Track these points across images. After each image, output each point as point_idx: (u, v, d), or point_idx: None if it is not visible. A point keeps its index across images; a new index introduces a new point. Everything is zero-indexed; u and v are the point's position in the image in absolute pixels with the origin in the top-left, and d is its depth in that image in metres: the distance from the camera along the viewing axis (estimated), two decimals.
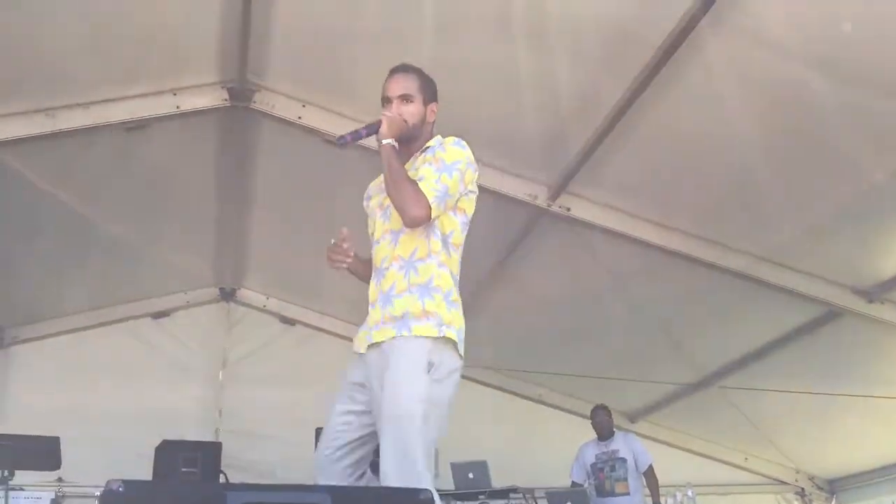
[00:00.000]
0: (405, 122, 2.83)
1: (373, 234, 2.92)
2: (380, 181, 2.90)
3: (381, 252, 2.83)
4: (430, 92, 2.96)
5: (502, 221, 5.56)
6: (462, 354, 2.75)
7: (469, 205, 2.87)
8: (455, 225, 2.85)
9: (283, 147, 5.50)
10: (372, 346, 2.73)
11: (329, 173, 5.61)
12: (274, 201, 6.17)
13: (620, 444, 6.54)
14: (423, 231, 2.78)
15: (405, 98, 2.87)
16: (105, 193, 5.66)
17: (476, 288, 6.35)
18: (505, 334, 7.09)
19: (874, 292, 5.21)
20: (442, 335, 2.71)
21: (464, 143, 2.85)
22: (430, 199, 2.70)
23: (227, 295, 7.74)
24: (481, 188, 5.01)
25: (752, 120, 4.26)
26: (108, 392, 7.08)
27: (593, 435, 6.71)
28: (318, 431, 6.28)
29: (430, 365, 2.65)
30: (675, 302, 5.97)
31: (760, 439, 7.38)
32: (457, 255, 2.86)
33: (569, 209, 5.20)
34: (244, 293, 7.75)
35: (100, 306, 7.26)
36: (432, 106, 2.93)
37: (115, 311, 7.36)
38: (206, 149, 5.60)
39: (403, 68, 2.96)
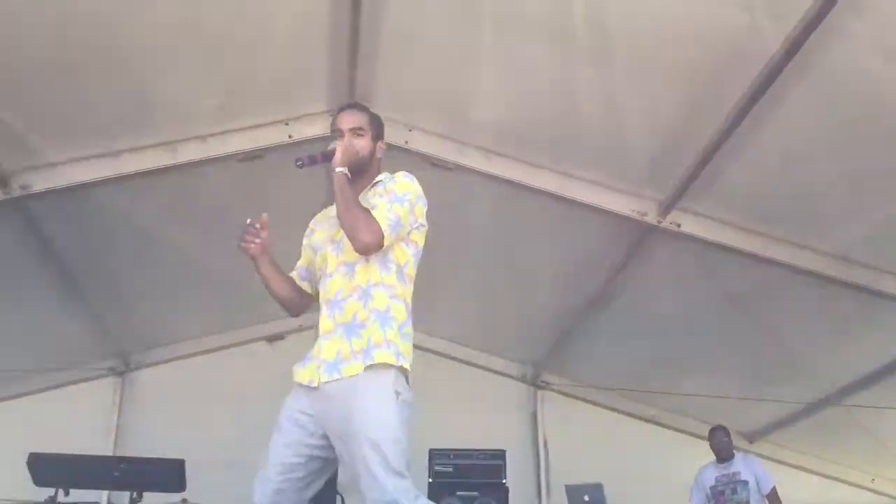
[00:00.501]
0: (357, 152, 2.91)
1: (321, 268, 2.94)
2: (326, 214, 3.02)
3: (336, 284, 2.85)
4: (378, 129, 3.07)
5: (610, 239, 5.50)
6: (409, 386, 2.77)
7: (420, 237, 2.94)
8: (408, 256, 2.90)
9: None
10: (334, 381, 2.71)
11: (436, 196, 5.63)
12: None
13: (741, 466, 6.30)
14: (378, 261, 2.83)
15: (356, 131, 2.97)
16: (220, 223, 5.83)
17: (585, 307, 6.29)
18: (616, 354, 7.00)
19: None
20: (399, 365, 2.73)
21: (413, 177, 2.94)
22: (383, 227, 2.76)
23: None
24: (588, 206, 5.10)
25: (869, 129, 4.12)
26: (227, 414, 7.26)
27: (711, 456, 6.51)
28: (432, 452, 6.39)
29: (397, 394, 2.67)
30: (792, 317, 5.76)
31: (888, 459, 7.03)
32: (410, 286, 2.90)
33: (679, 225, 5.10)
34: None
35: (217, 331, 7.48)
36: (380, 143, 3.04)
37: (232, 336, 7.57)
38: (316, 176, 5.72)
39: (353, 105, 3.11)
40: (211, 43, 4.31)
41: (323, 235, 2.99)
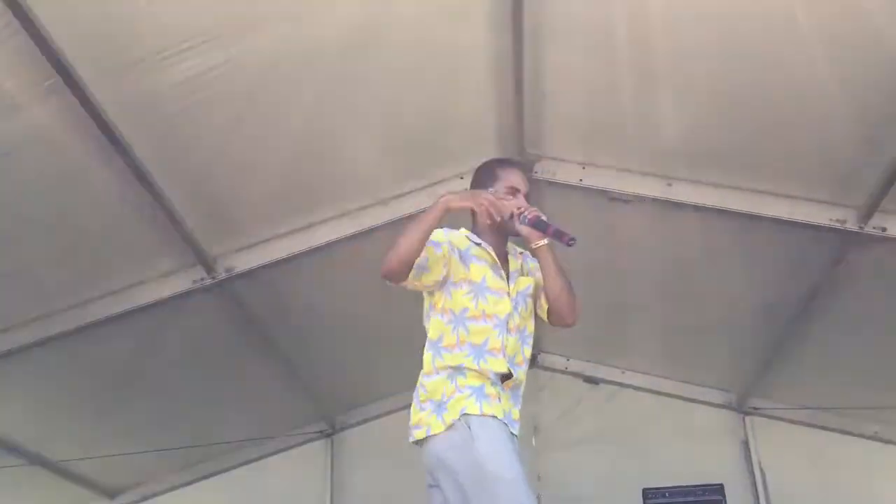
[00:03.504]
0: None
1: (484, 309, 2.93)
2: (480, 253, 3.02)
3: (514, 346, 2.95)
4: None
5: (807, 252, 5.22)
6: None
7: None
8: None
9: (567, 210, 5.56)
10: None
11: (615, 229, 5.60)
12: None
13: None
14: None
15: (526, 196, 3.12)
16: None
17: (788, 326, 5.99)
18: (828, 370, 6.59)
19: None
20: None
21: None
22: None
23: (531, 361, 7.83)
24: (782, 221, 4.86)
25: None
26: None
27: None
28: (646, 492, 6.21)
29: None
30: None
31: None
32: None
33: (884, 229, 4.76)
34: (545, 357, 7.84)
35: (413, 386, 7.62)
36: None
37: None
38: None
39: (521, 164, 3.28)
40: (386, 108, 4.47)
41: (492, 280, 2.98)
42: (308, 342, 6.27)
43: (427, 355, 2.93)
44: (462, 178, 5.14)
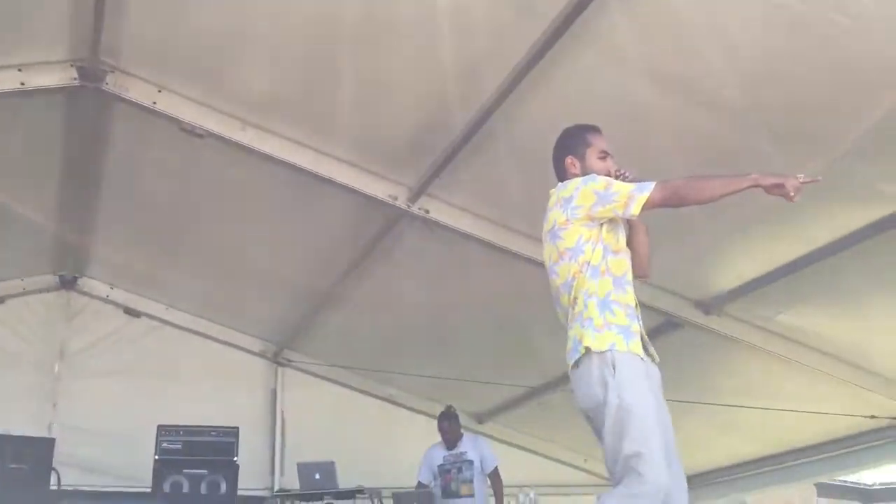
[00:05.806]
0: None
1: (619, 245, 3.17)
2: None
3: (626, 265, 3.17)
4: None
5: (361, 220, 5.54)
6: None
7: None
8: None
9: (136, 132, 5.27)
10: None
11: (183, 162, 5.43)
12: (123, 188, 5.91)
13: (469, 447, 6.57)
14: None
15: None
16: None
17: (332, 283, 6.31)
18: (357, 332, 7.09)
19: (712, 305, 5.48)
20: None
21: None
22: None
23: (68, 283, 7.34)
24: (342, 186, 5.09)
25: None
26: None
27: None
28: (160, 428, 6.13)
29: None
30: (526, 306, 6.07)
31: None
32: None
33: (427, 211, 5.22)
34: (86, 282, 7.39)
35: None
36: None
37: None
38: (52, 129, 5.29)
39: None
40: None
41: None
42: None
43: (595, 283, 3.09)
44: (21, 69, 4.63)
